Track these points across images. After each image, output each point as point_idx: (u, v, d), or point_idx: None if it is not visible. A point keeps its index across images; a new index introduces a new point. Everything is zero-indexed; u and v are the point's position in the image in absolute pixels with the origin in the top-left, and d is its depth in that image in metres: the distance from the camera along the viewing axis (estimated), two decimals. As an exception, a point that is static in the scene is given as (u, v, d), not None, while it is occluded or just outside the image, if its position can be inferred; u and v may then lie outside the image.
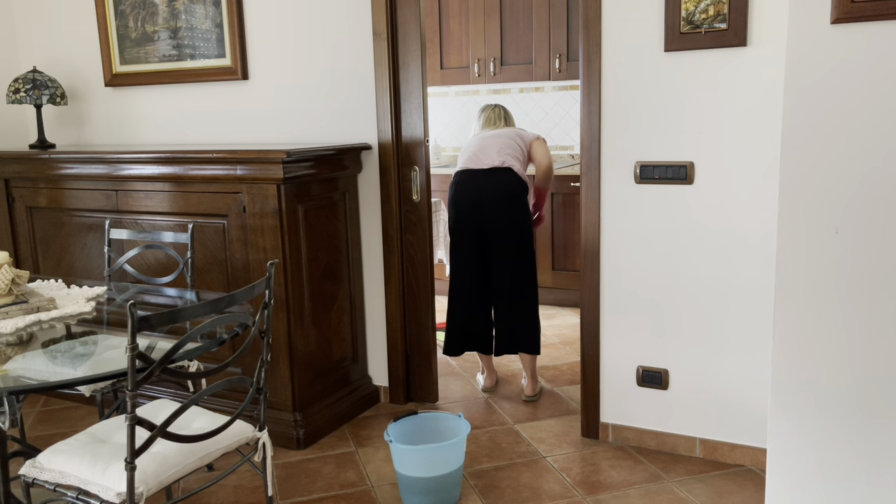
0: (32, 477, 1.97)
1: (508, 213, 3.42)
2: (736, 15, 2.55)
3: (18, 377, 1.89)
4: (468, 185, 3.47)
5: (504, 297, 3.50)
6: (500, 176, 3.43)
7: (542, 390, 3.66)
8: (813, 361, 1.83)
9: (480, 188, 3.43)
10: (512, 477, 2.82)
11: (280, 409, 3.09)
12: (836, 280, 1.78)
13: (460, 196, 3.49)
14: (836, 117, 1.73)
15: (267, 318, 2.08)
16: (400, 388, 3.50)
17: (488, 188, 3.43)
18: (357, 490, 2.76)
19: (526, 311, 3.50)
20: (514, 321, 3.51)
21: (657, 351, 2.91)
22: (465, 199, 3.48)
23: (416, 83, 3.26)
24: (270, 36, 3.48)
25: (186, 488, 2.77)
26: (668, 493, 2.65)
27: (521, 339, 3.52)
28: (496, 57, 5.25)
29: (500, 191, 3.41)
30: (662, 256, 2.84)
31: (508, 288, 3.48)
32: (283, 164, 2.85)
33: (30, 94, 3.74)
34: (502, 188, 3.42)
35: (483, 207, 3.43)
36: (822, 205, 1.77)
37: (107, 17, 3.87)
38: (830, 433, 1.83)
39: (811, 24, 1.71)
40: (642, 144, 2.80)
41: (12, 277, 2.25)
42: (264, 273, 2.99)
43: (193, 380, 2.69)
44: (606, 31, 2.78)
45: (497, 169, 3.44)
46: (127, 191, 3.30)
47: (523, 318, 3.50)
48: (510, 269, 3.46)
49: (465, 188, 3.48)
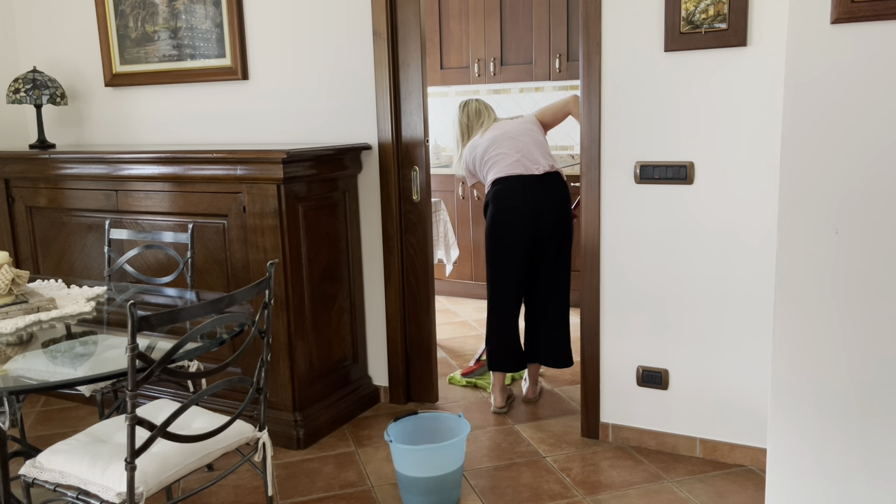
0: (32, 477, 1.97)
1: (563, 222, 3.27)
2: (736, 15, 2.55)
3: (18, 377, 1.89)
4: (522, 194, 3.21)
5: (546, 306, 3.37)
6: (555, 182, 3.26)
7: (542, 391, 3.66)
8: (813, 361, 1.83)
9: (538, 197, 3.22)
10: (512, 477, 2.82)
11: (280, 409, 3.09)
12: (836, 280, 1.78)
13: (513, 205, 3.21)
14: (836, 117, 1.73)
15: (267, 318, 2.08)
16: (400, 388, 3.50)
17: (546, 197, 3.23)
18: (357, 490, 2.76)
19: (563, 324, 3.38)
20: (552, 332, 3.38)
21: (657, 351, 2.91)
22: (520, 210, 3.21)
23: (416, 83, 3.26)
24: (270, 36, 3.48)
25: (186, 488, 2.77)
26: (668, 493, 2.65)
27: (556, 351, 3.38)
28: (496, 57, 5.25)
29: (555, 198, 3.24)
30: (662, 256, 2.84)
31: (551, 298, 3.36)
32: (283, 164, 2.85)
33: (30, 94, 3.74)
34: (556, 194, 3.25)
35: (542, 217, 3.23)
36: (821, 205, 1.77)
37: (107, 17, 3.87)
38: (830, 433, 1.83)
39: (811, 24, 1.72)
40: (642, 144, 2.80)
41: (12, 277, 2.25)
42: (264, 273, 2.99)
43: (193, 380, 2.69)
44: (606, 31, 2.78)
45: (550, 174, 3.26)
46: (127, 191, 3.30)
47: (561, 329, 3.38)
48: (555, 278, 3.33)
49: (519, 198, 3.21)
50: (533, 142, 3.30)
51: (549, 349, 3.42)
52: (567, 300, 3.40)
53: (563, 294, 3.38)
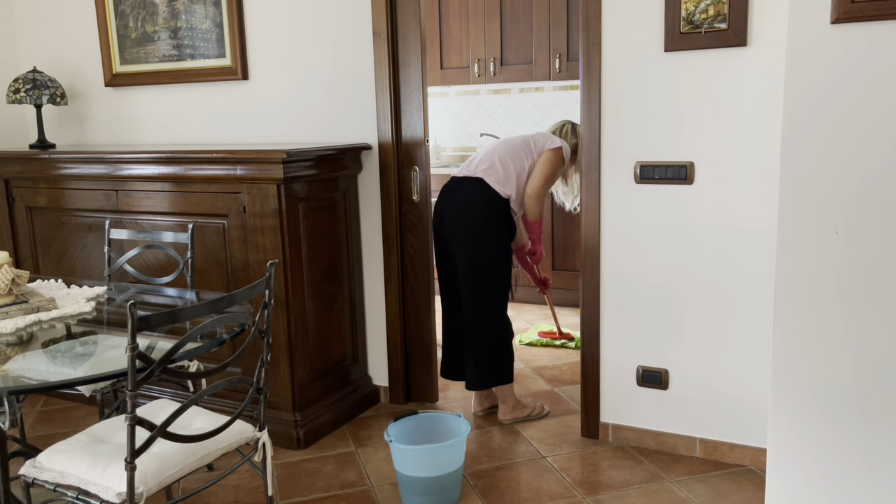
0: (32, 477, 1.97)
1: (466, 233, 3.05)
2: (736, 15, 2.55)
3: (18, 377, 1.89)
4: (440, 198, 3.18)
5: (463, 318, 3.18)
6: (468, 189, 3.08)
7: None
8: (813, 361, 1.83)
9: (447, 204, 3.13)
10: (512, 477, 2.82)
11: (280, 409, 3.09)
12: (836, 280, 1.78)
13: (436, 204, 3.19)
14: (837, 117, 1.73)
15: (267, 318, 2.08)
16: (400, 388, 3.50)
17: (453, 204, 3.11)
18: (357, 490, 2.76)
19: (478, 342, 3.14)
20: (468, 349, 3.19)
21: (657, 351, 2.91)
22: (434, 214, 3.20)
23: (416, 83, 3.26)
24: (270, 36, 3.48)
25: (186, 488, 2.77)
26: (668, 493, 2.65)
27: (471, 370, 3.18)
28: (496, 57, 5.25)
29: (462, 206, 3.07)
30: (662, 256, 2.84)
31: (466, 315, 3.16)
32: (283, 164, 2.85)
33: (30, 94, 3.74)
34: (465, 202, 3.06)
35: (444, 225, 3.13)
36: (822, 205, 1.77)
37: (107, 17, 3.87)
38: (830, 433, 1.83)
39: (811, 24, 1.72)
40: (642, 144, 2.80)
41: (12, 277, 2.25)
42: (264, 273, 2.99)
43: (193, 380, 2.69)
44: (606, 31, 2.78)
45: (468, 180, 3.10)
46: (127, 191, 3.30)
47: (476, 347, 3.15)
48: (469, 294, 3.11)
49: (438, 201, 3.18)
50: (499, 149, 3.14)
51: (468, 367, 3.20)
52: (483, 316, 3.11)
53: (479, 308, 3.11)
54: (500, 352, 3.16)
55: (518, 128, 5.62)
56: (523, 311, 5.10)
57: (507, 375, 3.19)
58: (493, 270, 3.10)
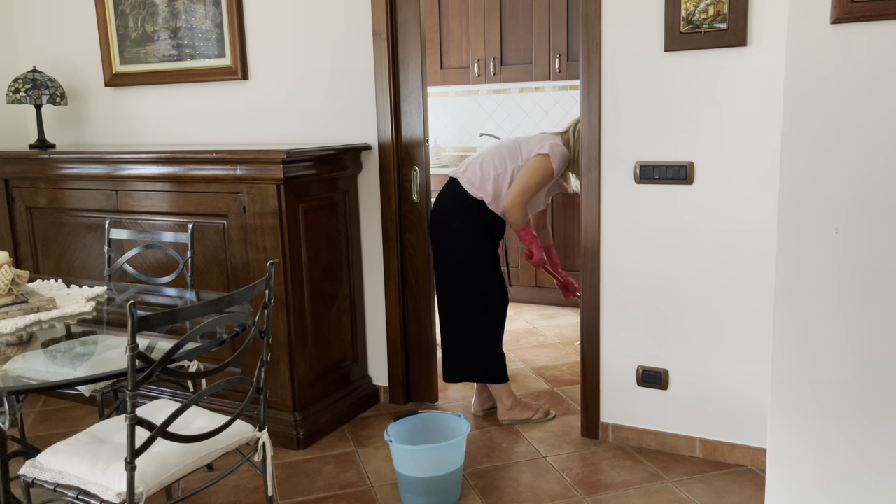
0: (32, 477, 1.97)
1: (441, 234, 3.15)
2: (736, 15, 2.55)
3: (18, 377, 1.89)
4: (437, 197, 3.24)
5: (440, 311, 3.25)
6: (448, 190, 3.16)
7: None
8: (813, 361, 1.83)
9: (435, 205, 3.21)
10: (512, 477, 2.82)
11: (280, 409, 3.09)
12: (836, 280, 1.78)
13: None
14: (836, 117, 1.73)
15: (267, 318, 2.08)
16: (400, 388, 3.50)
17: (435, 204, 3.20)
18: (357, 490, 2.76)
19: (447, 334, 3.22)
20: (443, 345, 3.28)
21: (657, 351, 2.91)
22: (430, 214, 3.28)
23: (416, 83, 3.26)
24: (270, 36, 3.48)
25: (186, 488, 2.77)
26: (668, 493, 2.65)
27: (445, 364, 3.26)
28: (496, 57, 5.25)
29: (439, 209, 3.16)
30: (662, 256, 2.84)
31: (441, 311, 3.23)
32: (283, 164, 2.85)
33: (30, 94, 3.74)
34: (441, 205, 3.15)
35: (431, 225, 3.23)
36: (822, 205, 1.77)
37: (107, 17, 3.87)
38: (830, 433, 1.83)
39: (811, 24, 1.72)
40: (642, 144, 2.80)
41: (12, 277, 2.25)
42: (264, 273, 2.99)
43: (193, 380, 2.69)
44: (606, 31, 2.78)
45: (452, 180, 3.17)
46: (127, 191, 3.30)
47: (446, 342, 3.24)
48: (443, 291, 3.20)
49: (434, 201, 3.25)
50: (487, 151, 3.15)
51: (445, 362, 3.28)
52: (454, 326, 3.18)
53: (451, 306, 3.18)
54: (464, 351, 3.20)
55: (518, 128, 5.62)
56: (523, 311, 5.10)
57: (487, 375, 3.21)
58: (467, 272, 3.13)
